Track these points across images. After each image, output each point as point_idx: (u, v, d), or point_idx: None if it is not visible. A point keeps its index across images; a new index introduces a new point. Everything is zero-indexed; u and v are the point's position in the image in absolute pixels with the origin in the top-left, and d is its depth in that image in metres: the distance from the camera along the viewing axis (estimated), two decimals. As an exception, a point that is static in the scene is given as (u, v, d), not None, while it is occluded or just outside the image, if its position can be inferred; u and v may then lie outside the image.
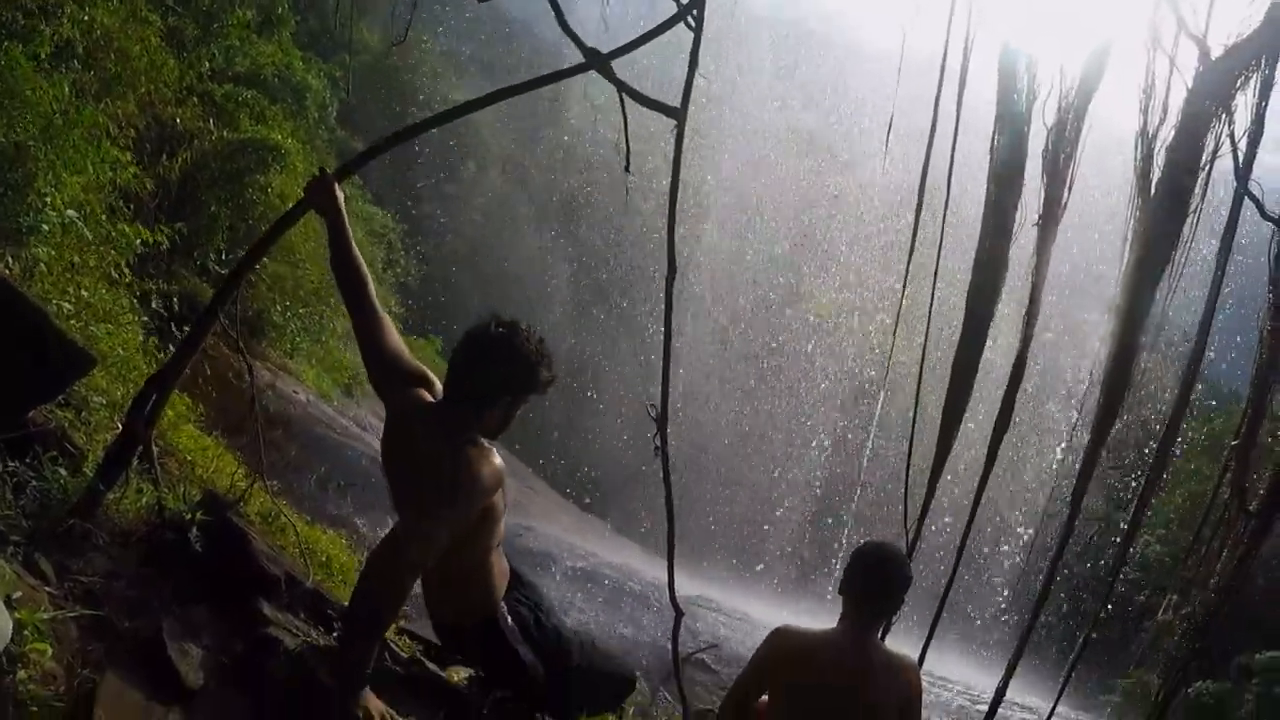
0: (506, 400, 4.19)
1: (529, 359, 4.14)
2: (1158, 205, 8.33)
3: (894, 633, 8.81)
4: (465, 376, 4.14)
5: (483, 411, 4.15)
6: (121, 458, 4.44)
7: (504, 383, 4.15)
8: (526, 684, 4.50)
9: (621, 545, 18.57)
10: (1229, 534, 9.45)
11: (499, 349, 4.09)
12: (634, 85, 5.07)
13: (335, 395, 18.91)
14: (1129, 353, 8.52)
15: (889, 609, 4.62)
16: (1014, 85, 8.28)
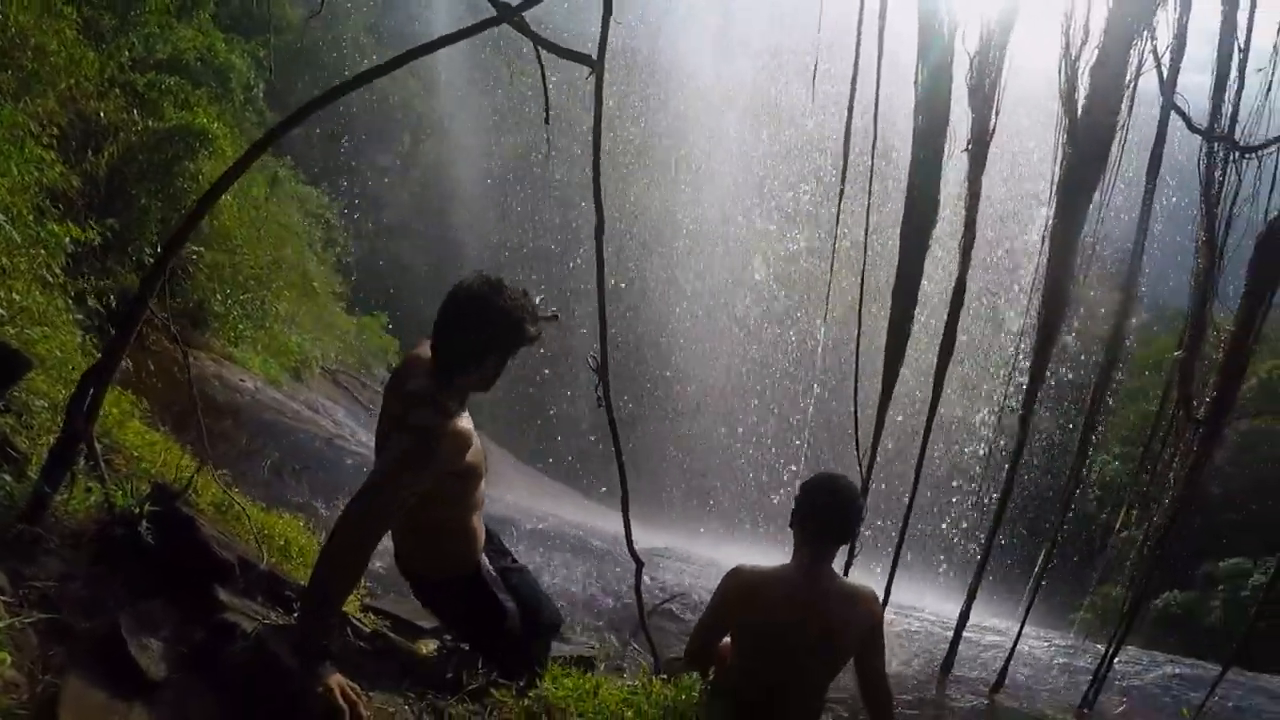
0: (494, 357, 4.27)
1: (514, 315, 4.21)
2: (1084, 125, 8.39)
3: (856, 565, 8.96)
4: (452, 335, 4.19)
5: (470, 368, 4.22)
6: (64, 457, 4.40)
7: (490, 339, 4.22)
8: (505, 636, 4.58)
9: (582, 506, 18.62)
10: (1178, 444, 9.60)
11: (484, 307, 4.17)
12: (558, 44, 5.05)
13: (284, 380, 18.74)
14: (1065, 270, 8.61)
15: (840, 539, 4.64)
16: (935, 16, 8.29)
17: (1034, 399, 9.17)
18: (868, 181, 8.61)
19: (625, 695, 4.34)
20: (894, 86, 8.50)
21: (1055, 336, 8.92)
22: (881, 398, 8.77)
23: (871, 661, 4.72)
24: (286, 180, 25.11)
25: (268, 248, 19.46)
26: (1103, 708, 10.18)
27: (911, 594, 14.49)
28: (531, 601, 4.84)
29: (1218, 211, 8.94)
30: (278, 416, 14.69)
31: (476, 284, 4.23)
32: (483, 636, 4.72)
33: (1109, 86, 8.35)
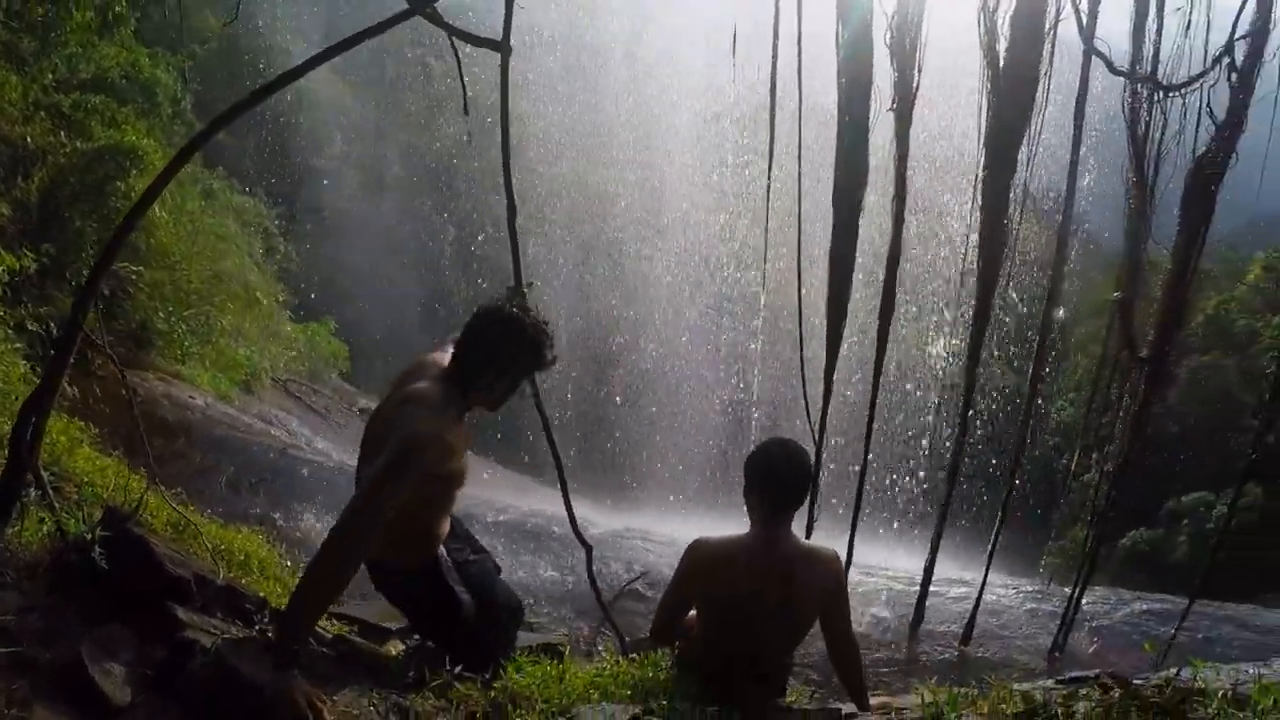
0: (512, 375, 4.58)
1: (538, 339, 4.51)
2: (1007, 75, 8.44)
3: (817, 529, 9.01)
4: (479, 349, 4.45)
5: (488, 382, 4.49)
6: (11, 489, 4.37)
7: (514, 358, 4.51)
8: (460, 626, 4.67)
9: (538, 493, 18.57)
10: (1125, 384, 9.71)
11: (513, 328, 4.46)
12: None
13: (235, 394, 18.58)
14: (1000, 219, 8.68)
15: (795, 502, 4.63)
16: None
17: (979, 349, 9.26)
18: (797, 148, 8.62)
19: (592, 678, 4.36)
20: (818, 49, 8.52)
21: (994, 287, 8.99)
22: (827, 362, 8.82)
23: (837, 621, 4.74)
24: (221, 192, 24.89)
25: (207, 261, 19.32)
26: (1074, 649, 10.28)
27: (880, 554, 14.60)
28: (487, 592, 4.90)
29: (1145, 151, 9.03)
30: (230, 431, 14.59)
31: (507, 306, 4.51)
32: (438, 626, 4.84)
33: (1029, 35, 8.41)
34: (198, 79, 26.58)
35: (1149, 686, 3.63)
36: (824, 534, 9.07)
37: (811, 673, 7.35)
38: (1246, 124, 8.89)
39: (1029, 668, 9.39)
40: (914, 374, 25.07)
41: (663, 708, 4.01)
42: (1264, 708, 3.29)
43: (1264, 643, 10.89)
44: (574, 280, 31.57)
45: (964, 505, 22.00)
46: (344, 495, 10.98)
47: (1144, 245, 9.33)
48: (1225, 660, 7.74)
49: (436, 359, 4.67)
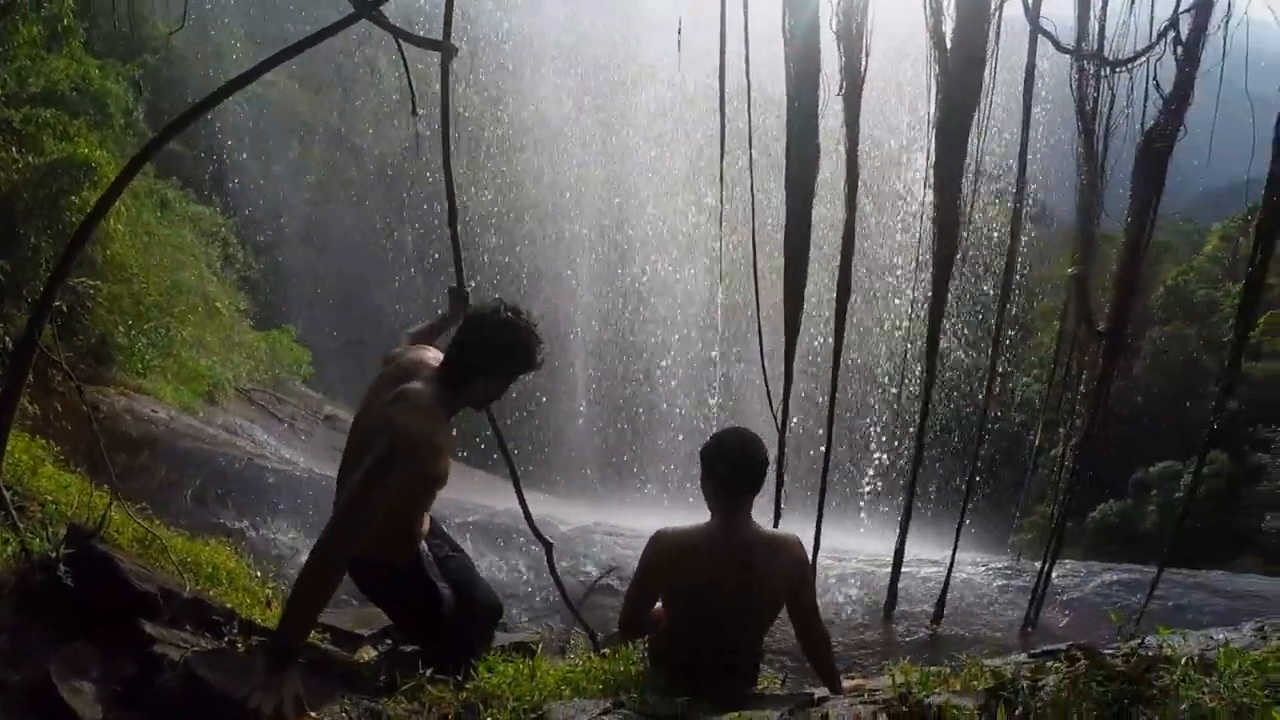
0: (504, 376, 4.70)
1: (529, 341, 4.62)
2: (955, 56, 8.48)
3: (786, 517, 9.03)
4: (473, 348, 4.55)
5: (480, 380, 4.60)
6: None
7: (506, 359, 4.63)
8: (441, 621, 4.76)
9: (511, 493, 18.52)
10: (1084, 355, 9.79)
11: (508, 330, 4.57)
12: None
13: (198, 406, 18.46)
14: (953, 199, 8.72)
15: (752, 489, 4.64)
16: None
17: (937, 330, 9.30)
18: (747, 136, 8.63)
19: (564, 674, 4.37)
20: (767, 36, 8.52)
21: (950, 267, 9.05)
22: (786, 348, 8.84)
23: (803, 606, 4.76)
24: (177, 202, 24.71)
25: (165, 273, 19.19)
26: (1046, 623, 10.35)
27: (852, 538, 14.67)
28: (467, 587, 4.98)
29: (1095, 127, 9.10)
30: (195, 443, 14.50)
31: (503, 308, 4.60)
32: (418, 621, 4.93)
33: (974, 16, 8.45)
34: (150, 89, 26.39)
35: (1116, 656, 3.65)
36: (794, 521, 9.11)
37: (785, 659, 7.36)
38: (1194, 97, 8.96)
39: (1002, 643, 9.43)
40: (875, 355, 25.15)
41: (633, 700, 4.02)
42: (1230, 672, 3.32)
43: (1234, 608, 10.98)
44: (533, 275, 31.48)
45: (933, 486, 22.14)
46: (312, 502, 10.94)
47: (1097, 220, 9.40)
48: (1196, 626, 7.81)
49: (421, 358, 4.76)
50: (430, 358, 4.76)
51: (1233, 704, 3.03)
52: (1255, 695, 3.10)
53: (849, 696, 4.32)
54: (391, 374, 4.68)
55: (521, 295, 29.44)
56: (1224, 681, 3.23)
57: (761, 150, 9.03)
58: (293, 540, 10.57)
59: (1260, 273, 8.99)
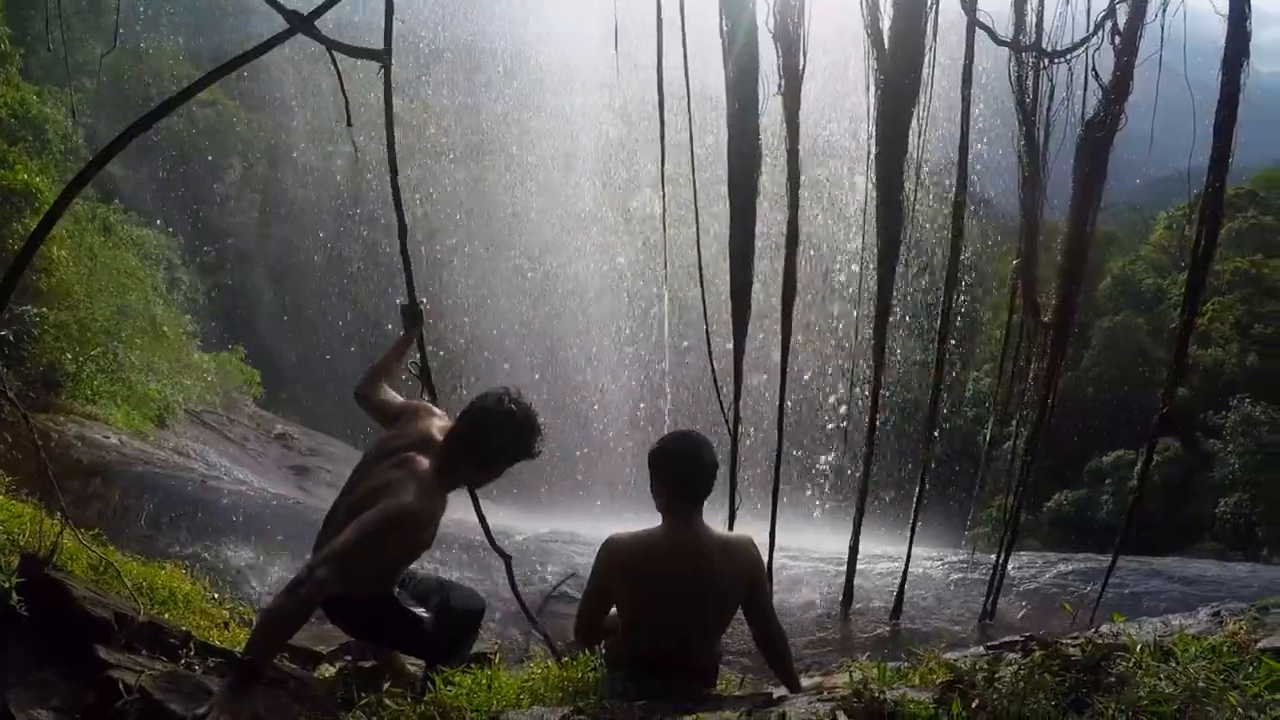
0: (504, 463, 4.86)
1: (529, 434, 4.77)
2: (894, 52, 8.53)
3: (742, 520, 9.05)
4: (479, 436, 4.70)
5: (482, 466, 4.83)
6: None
7: (509, 448, 4.78)
8: (425, 639, 4.98)
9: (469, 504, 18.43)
10: (1032, 347, 9.86)
11: (514, 422, 4.73)
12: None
13: (150, 430, 18.30)
14: (895, 194, 8.77)
15: (703, 492, 4.66)
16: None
17: (884, 325, 9.36)
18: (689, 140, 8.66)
19: (522, 683, 4.36)
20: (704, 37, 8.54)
21: (895, 262, 9.10)
22: (735, 349, 8.87)
23: (759, 607, 4.78)
24: (120, 226, 24.48)
25: (110, 298, 19.03)
26: (1004, 615, 10.42)
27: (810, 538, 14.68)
28: (442, 601, 5.21)
29: (1034, 119, 9.17)
30: (147, 468, 14.37)
31: (506, 399, 4.74)
32: (408, 643, 5.16)
33: (912, 11, 8.50)
34: (89, 113, 26.17)
35: (1071, 645, 3.68)
36: (750, 523, 9.13)
37: (745, 659, 7.38)
38: (1134, 86, 9.05)
39: (961, 636, 9.48)
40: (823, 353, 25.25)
41: (591, 705, 4.02)
42: (1186, 658, 3.35)
43: (1190, 593, 11.09)
44: (481, 284, 31.41)
45: (887, 482, 22.23)
46: (266, 522, 10.85)
47: (1039, 211, 9.48)
48: (1153, 613, 7.88)
49: (428, 431, 4.89)
50: (436, 429, 4.92)
51: (1189, 689, 3.06)
52: (1211, 680, 3.13)
53: (808, 695, 4.34)
54: (405, 440, 4.82)
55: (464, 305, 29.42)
56: (1180, 667, 3.25)
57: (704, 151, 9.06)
58: (248, 561, 10.51)
59: (1204, 260, 9.07)
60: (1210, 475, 39.80)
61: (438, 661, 4.84)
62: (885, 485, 22.04)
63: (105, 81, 29.36)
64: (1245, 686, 3.12)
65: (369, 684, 4.37)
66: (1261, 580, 12.10)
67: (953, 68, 9.40)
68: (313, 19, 4.99)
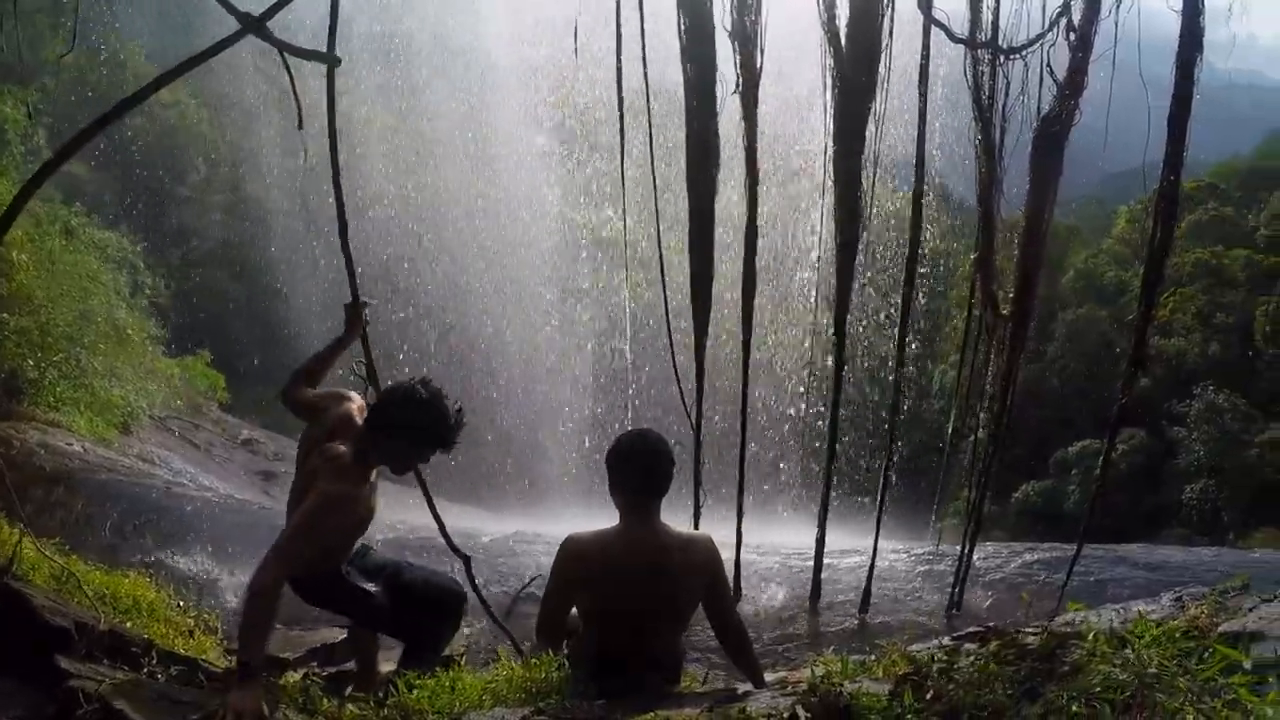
0: (421, 448, 5.22)
1: (440, 422, 5.08)
2: (850, 50, 8.57)
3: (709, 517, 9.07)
4: (394, 420, 5.01)
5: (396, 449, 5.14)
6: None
7: (423, 433, 5.10)
8: (378, 611, 5.36)
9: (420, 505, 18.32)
10: (991, 339, 9.93)
11: (427, 408, 5.03)
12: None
13: (114, 436, 18.14)
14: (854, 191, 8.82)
15: (654, 490, 4.69)
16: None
17: (844, 319, 9.39)
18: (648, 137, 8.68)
19: (485, 685, 4.38)
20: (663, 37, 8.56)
21: (854, 258, 9.15)
22: (696, 346, 8.90)
23: (719, 604, 4.82)
24: (82, 229, 24.21)
25: (73, 302, 18.83)
26: (971, 606, 10.47)
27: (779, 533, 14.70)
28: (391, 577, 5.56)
29: (991, 115, 9.24)
30: (111, 475, 14.28)
31: (419, 389, 5.06)
32: (361, 615, 5.55)
33: (868, 9, 8.54)
34: (51, 114, 25.96)
35: (1027, 635, 3.71)
36: (714, 518, 9.17)
37: (714, 656, 7.40)
38: (1090, 81, 9.12)
39: (928, 628, 9.53)
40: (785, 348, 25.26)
41: (552, 705, 4.04)
42: (1141, 645, 3.38)
43: (1155, 579, 11.15)
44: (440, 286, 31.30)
45: (855, 477, 22.30)
46: (231, 529, 10.84)
47: (997, 205, 9.54)
48: (1118, 600, 7.95)
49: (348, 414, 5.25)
50: (355, 411, 5.29)
51: (1141, 675, 3.09)
52: (1165, 666, 3.16)
53: (771, 690, 4.36)
54: (320, 434, 5.17)
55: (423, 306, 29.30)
56: (1135, 654, 3.28)
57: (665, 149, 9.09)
58: (213, 567, 10.46)
59: (1161, 253, 9.16)
60: (1176, 463, 40.31)
61: (411, 640, 5.39)
62: (852, 479, 22.14)
63: (67, 81, 29.16)
64: (1197, 671, 3.15)
65: (334, 689, 4.38)
66: (1226, 564, 12.17)
67: (914, 65, 9.47)
68: (264, 20, 4.99)
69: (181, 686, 4.40)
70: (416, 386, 5.06)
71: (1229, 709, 2.88)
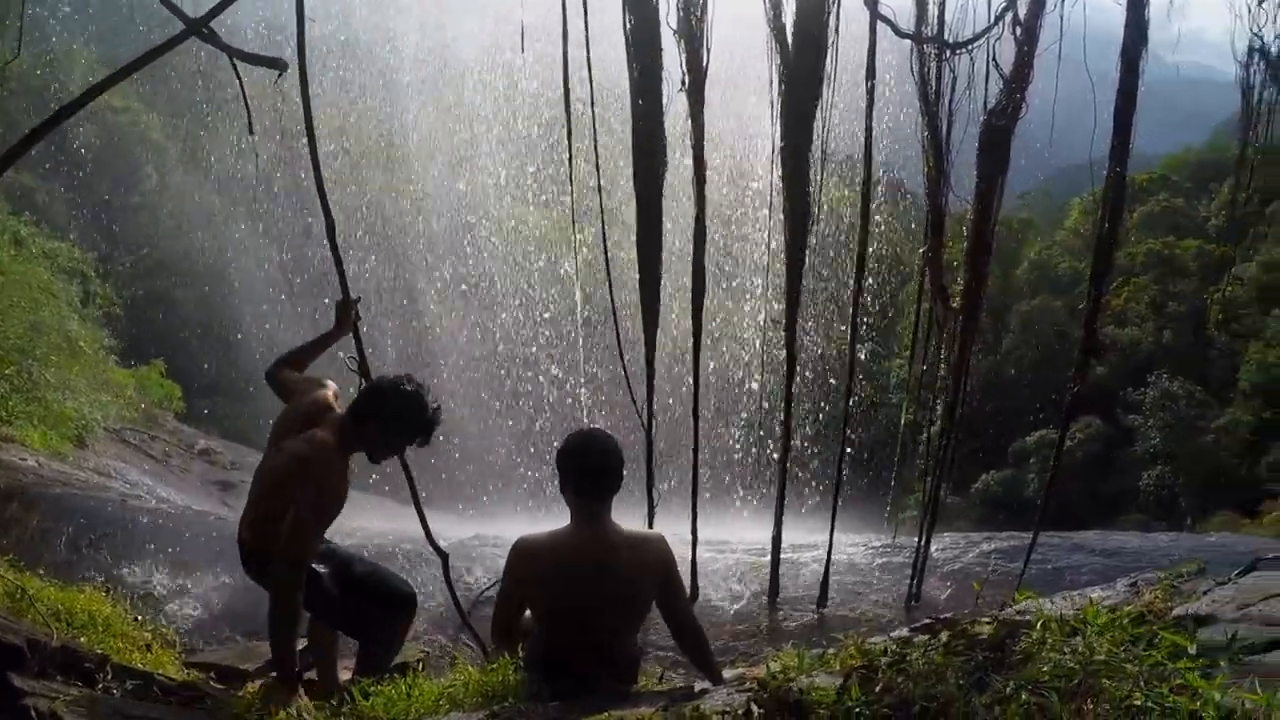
0: (399, 438, 5.46)
1: (419, 414, 5.36)
2: (797, 46, 8.61)
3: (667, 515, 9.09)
4: (378, 409, 5.32)
5: (374, 437, 5.36)
6: None
7: (404, 425, 5.38)
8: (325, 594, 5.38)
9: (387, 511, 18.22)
10: (942, 332, 10.02)
11: (410, 401, 5.32)
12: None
13: (68, 450, 17.93)
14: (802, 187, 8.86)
15: (603, 489, 4.69)
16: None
17: (795, 314, 9.43)
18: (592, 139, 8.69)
19: (442, 690, 4.38)
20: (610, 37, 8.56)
21: (803, 253, 9.19)
22: (646, 345, 8.92)
23: (673, 602, 4.82)
24: (31, 239, 23.97)
25: (23, 314, 18.64)
26: (929, 597, 10.52)
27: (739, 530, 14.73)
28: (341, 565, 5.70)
29: (938, 110, 9.31)
30: (66, 489, 14.10)
31: (404, 381, 5.37)
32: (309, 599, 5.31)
33: (814, 5, 8.58)
34: (0, 125, 25.71)
35: (978, 624, 3.75)
36: (670, 517, 9.20)
37: (675, 653, 7.41)
38: (1034, 76, 9.21)
39: (888, 620, 9.57)
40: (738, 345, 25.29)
41: (507, 708, 4.04)
42: (1090, 632, 3.41)
43: (1112, 565, 11.25)
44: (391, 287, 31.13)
45: (812, 471, 22.37)
46: (189, 540, 10.73)
47: (945, 199, 9.62)
48: (1075, 586, 8.03)
49: (325, 401, 5.50)
50: (330, 396, 5.57)
51: (1088, 663, 3.11)
52: (1113, 652, 3.19)
53: (727, 687, 4.38)
54: (294, 415, 5.44)
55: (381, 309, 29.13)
56: (1084, 641, 3.31)
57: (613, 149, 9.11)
58: (171, 580, 10.38)
59: (1109, 243, 9.29)
60: (1132, 450, 40.81)
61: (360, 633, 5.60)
62: (810, 474, 22.19)
63: (14, 91, 28.85)
64: (1145, 657, 3.18)
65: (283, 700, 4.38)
66: (1182, 548, 12.29)
67: (861, 58, 9.52)
68: (206, 21, 4.98)
69: (137, 701, 4.38)
70: (403, 379, 5.35)
71: (1176, 694, 2.90)
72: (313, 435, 5.12)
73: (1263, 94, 9.18)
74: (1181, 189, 54.10)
